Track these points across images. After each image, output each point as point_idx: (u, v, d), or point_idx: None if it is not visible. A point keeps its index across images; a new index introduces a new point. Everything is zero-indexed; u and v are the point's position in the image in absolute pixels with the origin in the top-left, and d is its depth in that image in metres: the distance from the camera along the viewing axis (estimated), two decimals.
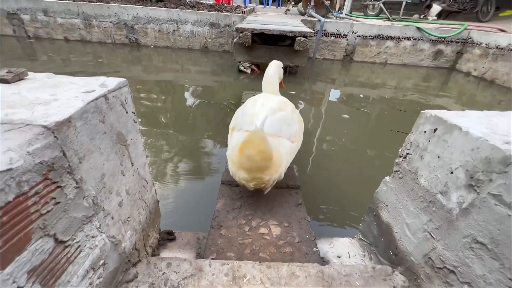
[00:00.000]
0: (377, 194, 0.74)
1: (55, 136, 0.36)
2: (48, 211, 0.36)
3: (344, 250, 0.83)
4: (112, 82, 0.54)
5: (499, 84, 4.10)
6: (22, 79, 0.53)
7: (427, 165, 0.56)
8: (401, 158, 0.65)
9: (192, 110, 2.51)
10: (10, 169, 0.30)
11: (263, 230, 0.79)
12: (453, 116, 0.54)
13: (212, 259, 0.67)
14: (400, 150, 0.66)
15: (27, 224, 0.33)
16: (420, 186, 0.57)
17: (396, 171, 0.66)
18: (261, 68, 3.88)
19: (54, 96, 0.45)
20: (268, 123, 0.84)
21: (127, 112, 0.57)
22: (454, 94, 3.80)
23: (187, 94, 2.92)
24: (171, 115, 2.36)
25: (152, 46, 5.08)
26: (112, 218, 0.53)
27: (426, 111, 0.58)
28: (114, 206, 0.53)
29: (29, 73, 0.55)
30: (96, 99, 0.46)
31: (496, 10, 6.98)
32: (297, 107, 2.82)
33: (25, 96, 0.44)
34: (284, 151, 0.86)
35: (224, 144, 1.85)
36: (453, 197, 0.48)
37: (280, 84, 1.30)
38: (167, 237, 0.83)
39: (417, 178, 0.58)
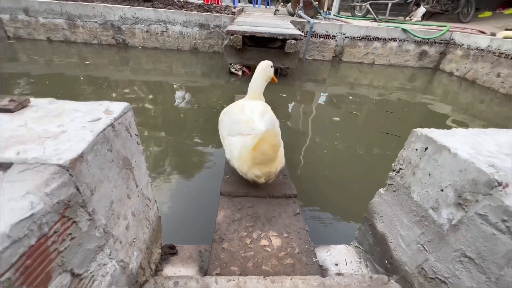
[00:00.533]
0: (371, 204, 0.78)
1: (70, 174, 0.37)
2: (65, 248, 0.36)
3: (341, 257, 0.87)
4: (117, 108, 0.54)
5: (479, 84, 4.29)
6: (25, 106, 0.52)
7: (419, 181, 0.60)
8: (394, 172, 0.69)
9: (185, 115, 2.50)
10: (32, 215, 0.31)
11: (264, 242, 0.82)
12: (442, 135, 0.58)
13: (217, 274, 0.69)
14: (393, 164, 0.70)
15: (48, 263, 0.33)
16: (412, 201, 0.61)
17: (390, 184, 0.70)
18: (252, 70, 3.90)
19: (61, 127, 0.46)
20: (266, 122, 0.98)
21: (131, 136, 0.58)
22: (439, 93, 3.95)
23: (178, 98, 2.90)
24: (164, 122, 2.34)
25: (140, 47, 4.98)
26: (121, 242, 0.54)
27: (417, 130, 0.62)
28: (122, 230, 0.54)
29: (31, 99, 0.55)
30: (104, 129, 0.47)
31: (476, 11, 7.28)
32: (287, 109, 2.85)
33: (32, 128, 0.44)
34: (280, 143, 1.06)
35: (221, 152, 1.86)
36: (444, 214, 0.52)
37: (273, 79, 1.40)
38: (169, 252, 0.84)
39: (410, 193, 0.62)
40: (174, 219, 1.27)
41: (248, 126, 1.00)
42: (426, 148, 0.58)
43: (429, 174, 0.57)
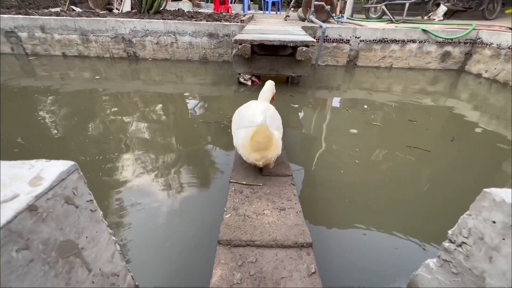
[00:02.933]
0: (416, 278, 0.57)
1: None
2: None
3: None
4: (52, 172, 0.38)
5: None
6: None
7: (503, 274, 0.39)
8: (453, 245, 0.48)
9: (189, 132, 2.36)
10: None
11: None
12: None
13: None
14: (450, 232, 0.49)
15: None
16: None
17: (446, 260, 0.49)
18: (262, 79, 3.74)
19: None
20: (264, 119, 1.20)
21: (77, 207, 0.42)
22: (465, 97, 3.60)
23: (184, 113, 2.78)
24: (165, 141, 2.20)
25: (150, 59, 4.99)
26: None
27: (492, 191, 0.41)
28: None
29: None
30: (11, 221, 0.31)
31: (502, 6, 6.79)
32: (299, 121, 2.62)
33: None
34: (277, 136, 1.25)
35: (223, 183, 1.64)
36: None
37: (272, 98, 1.80)
38: None
39: (485, 286, 0.41)
40: (161, 278, 1.02)
41: (250, 121, 1.24)
42: None
43: None
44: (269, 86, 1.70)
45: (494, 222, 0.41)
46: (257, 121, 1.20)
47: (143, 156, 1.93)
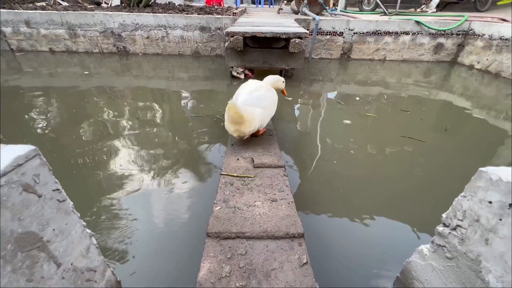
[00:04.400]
0: (409, 265, 0.55)
1: None
2: None
3: None
4: (6, 157, 0.34)
5: (505, 77, 3.92)
6: None
7: (500, 257, 0.37)
8: (447, 228, 0.46)
9: (182, 127, 2.31)
10: None
11: None
12: None
13: None
14: (444, 215, 0.47)
15: None
16: (487, 285, 0.38)
17: (440, 245, 0.47)
18: (255, 73, 3.69)
19: None
20: (245, 98, 1.39)
21: (40, 196, 0.38)
22: (458, 88, 3.62)
23: (177, 108, 2.73)
24: (158, 135, 2.15)
25: (141, 54, 4.87)
26: None
27: (489, 170, 0.39)
28: None
29: None
30: None
31: None
32: (293, 113, 2.59)
33: None
34: (256, 114, 1.38)
35: (216, 175, 1.61)
36: None
37: (283, 92, 1.94)
38: None
39: (480, 271, 0.39)
40: (147, 272, 0.98)
41: (234, 98, 1.44)
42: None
43: None
44: (278, 81, 1.82)
45: (490, 202, 0.39)
46: (238, 99, 1.39)
47: (134, 150, 1.88)
